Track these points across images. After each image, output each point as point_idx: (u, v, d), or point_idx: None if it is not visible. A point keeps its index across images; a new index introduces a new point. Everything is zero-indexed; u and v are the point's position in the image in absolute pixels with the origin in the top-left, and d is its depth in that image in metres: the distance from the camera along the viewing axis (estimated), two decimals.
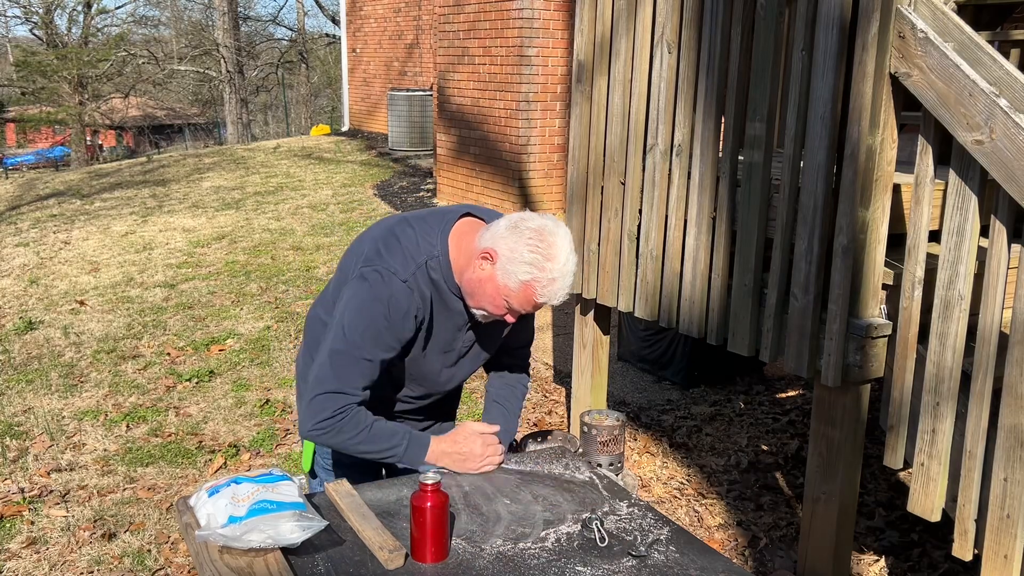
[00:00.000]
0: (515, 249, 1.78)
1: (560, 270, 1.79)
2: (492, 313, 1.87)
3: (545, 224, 1.81)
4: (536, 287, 1.79)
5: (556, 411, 4.36)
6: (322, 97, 31.95)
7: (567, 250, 1.80)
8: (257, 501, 1.61)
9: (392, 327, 1.84)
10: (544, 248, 1.78)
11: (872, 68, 2.38)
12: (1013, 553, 2.17)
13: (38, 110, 26.37)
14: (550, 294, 1.80)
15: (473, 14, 8.64)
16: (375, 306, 1.82)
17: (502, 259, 1.80)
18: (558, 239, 1.80)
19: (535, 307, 1.84)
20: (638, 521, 1.78)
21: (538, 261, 1.77)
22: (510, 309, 1.85)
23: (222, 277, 6.74)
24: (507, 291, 1.81)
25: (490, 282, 1.83)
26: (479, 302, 1.87)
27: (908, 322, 2.45)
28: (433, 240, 1.89)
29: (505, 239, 1.80)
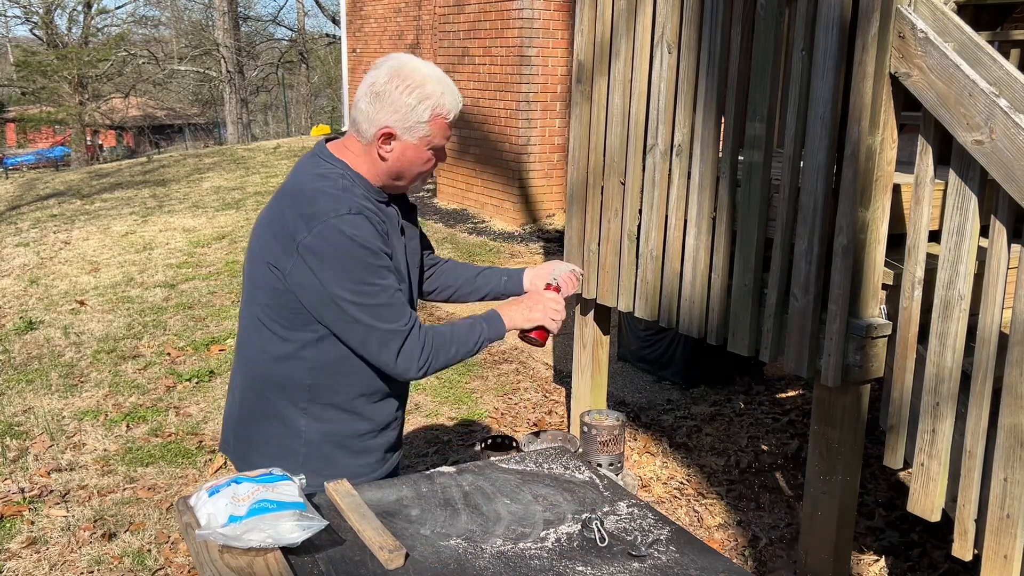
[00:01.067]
0: (397, 107, 1.79)
1: (436, 80, 1.81)
2: (427, 170, 1.89)
3: (390, 66, 1.81)
4: (440, 111, 1.82)
5: (556, 411, 4.36)
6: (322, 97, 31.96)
7: (419, 65, 1.82)
8: (257, 501, 1.61)
9: (374, 253, 1.76)
10: (412, 81, 1.79)
11: (872, 68, 2.38)
12: (1013, 553, 2.17)
13: (38, 110, 26.39)
14: (452, 104, 1.84)
15: (473, 15, 8.64)
16: (348, 255, 1.74)
17: (397, 125, 1.80)
18: (407, 64, 1.81)
19: (449, 127, 1.88)
20: (638, 521, 1.78)
21: (421, 93, 1.79)
22: (436, 151, 1.88)
23: (222, 277, 6.74)
24: (426, 140, 1.83)
25: (408, 149, 1.83)
26: (411, 174, 1.88)
27: (908, 322, 2.45)
28: (327, 169, 1.84)
29: (382, 110, 1.80)
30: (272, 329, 1.85)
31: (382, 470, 2.05)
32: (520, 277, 2.26)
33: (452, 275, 2.26)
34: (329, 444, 1.92)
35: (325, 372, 1.87)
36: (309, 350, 1.85)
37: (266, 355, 1.88)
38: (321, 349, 1.85)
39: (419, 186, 1.94)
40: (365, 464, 1.99)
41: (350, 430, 1.94)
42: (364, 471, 1.98)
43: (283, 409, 1.90)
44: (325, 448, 1.92)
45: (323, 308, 1.78)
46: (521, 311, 2.02)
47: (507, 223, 8.44)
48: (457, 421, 4.25)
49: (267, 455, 1.90)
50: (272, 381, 1.89)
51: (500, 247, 7.60)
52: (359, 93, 1.83)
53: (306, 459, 1.91)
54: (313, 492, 1.82)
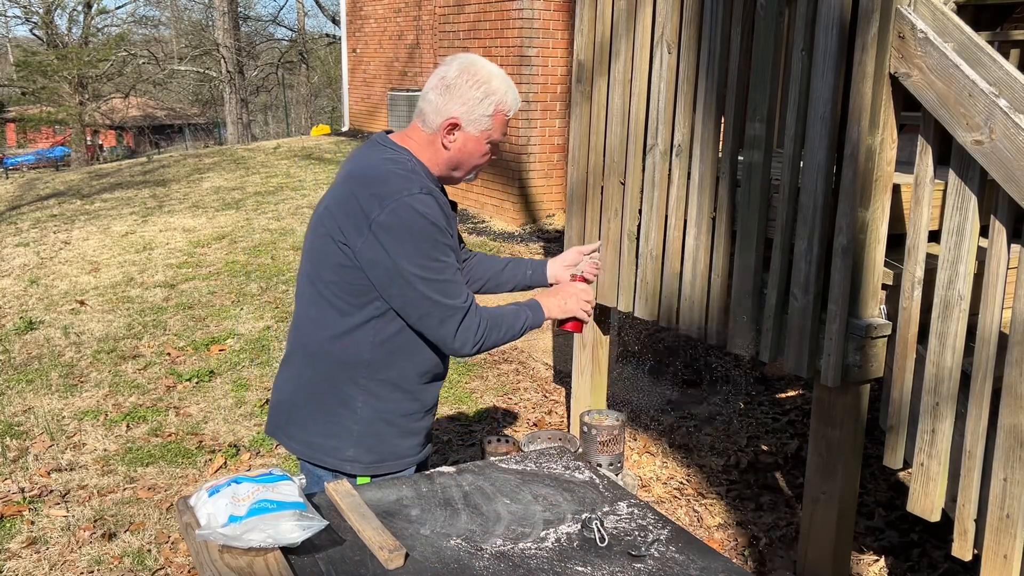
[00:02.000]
0: (465, 100, 1.90)
1: (501, 78, 1.92)
2: (481, 164, 2.00)
3: (460, 63, 1.93)
4: (502, 108, 1.93)
5: (556, 411, 4.36)
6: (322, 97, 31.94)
7: (486, 64, 1.93)
8: (257, 501, 1.61)
9: (440, 232, 1.87)
10: (480, 77, 1.90)
11: (872, 68, 2.38)
12: (1013, 553, 2.17)
13: (38, 110, 26.39)
14: (513, 102, 1.95)
15: (474, 15, 8.64)
16: (426, 231, 1.84)
17: (463, 117, 1.91)
18: (476, 62, 1.92)
19: (507, 126, 1.99)
20: (638, 521, 1.78)
21: (487, 89, 1.90)
22: (493, 145, 1.99)
23: (222, 277, 6.74)
24: (486, 134, 1.94)
25: (469, 141, 1.94)
26: (469, 165, 1.99)
27: (908, 322, 2.45)
28: (399, 156, 1.94)
29: (450, 102, 1.92)
30: (336, 306, 1.93)
31: (422, 454, 2.11)
32: (543, 269, 2.35)
33: (481, 268, 2.34)
34: (381, 422, 1.99)
35: (384, 348, 1.95)
36: (370, 326, 1.93)
37: (327, 333, 1.96)
38: (381, 325, 1.93)
39: (472, 178, 2.05)
40: (411, 445, 2.05)
41: (401, 409, 2.01)
42: (410, 452, 2.05)
43: (341, 385, 1.97)
44: (378, 426, 1.99)
45: (391, 283, 1.87)
46: (557, 302, 2.12)
47: (507, 223, 8.45)
48: (457, 421, 4.25)
49: (324, 433, 1.99)
50: (332, 358, 1.97)
51: (500, 247, 7.60)
52: (429, 85, 1.95)
53: (360, 436, 1.99)
54: (314, 492, 1.83)
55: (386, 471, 2.00)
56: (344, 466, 1.98)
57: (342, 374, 1.96)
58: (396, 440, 2.01)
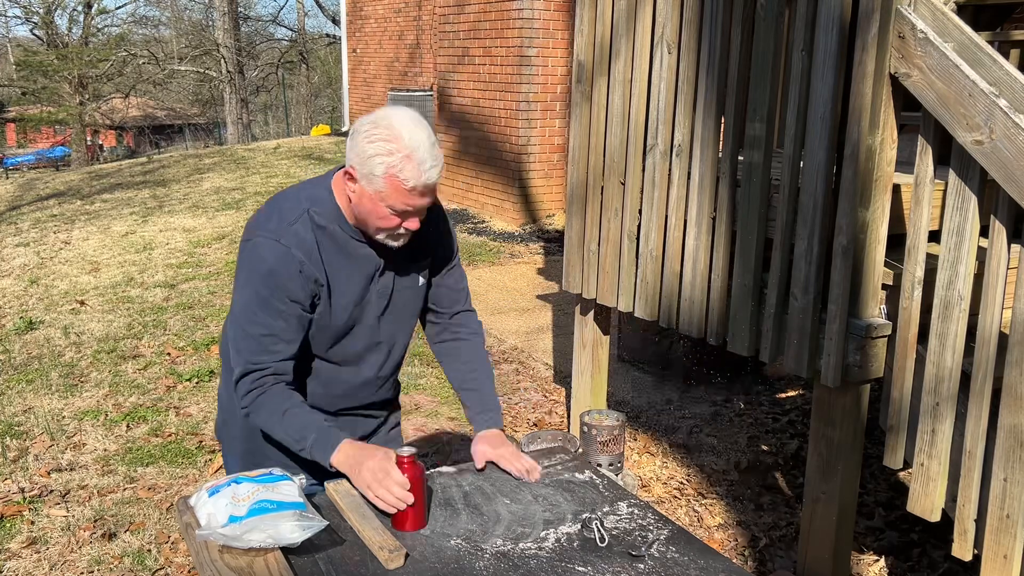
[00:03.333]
0: (360, 151, 1.72)
1: (409, 144, 1.69)
2: (388, 228, 1.78)
3: (377, 114, 1.75)
4: (396, 173, 1.70)
5: (556, 411, 4.36)
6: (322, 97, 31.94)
7: (408, 123, 1.72)
8: (257, 501, 1.61)
9: (277, 289, 1.79)
10: (382, 132, 1.71)
11: (872, 68, 2.38)
12: (1013, 553, 2.17)
13: (38, 110, 26.40)
14: (413, 173, 1.70)
15: (474, 15, 8.64)
16: (253, 276, 1.80)
17: (357, 168, 1.74)
18: (393, 118, 1.72)
19: (414, 195, 1.73)
20: (638, 521, 1.78)
21: (383, 147, 1.69)
22: (398, 213, 1.76)
23: (222, 277, 6.74)
24: (380, 195, 1.73)
25: (364, 197, 1.76)
26: (372, 224, 1.79)
27: (908, 322, 2.45)
28: (318, 188, 1.86)
29: (351, 150, 1.75)
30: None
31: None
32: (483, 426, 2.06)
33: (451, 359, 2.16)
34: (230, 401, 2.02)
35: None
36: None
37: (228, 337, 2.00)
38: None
39: (389, 243, 1.85)
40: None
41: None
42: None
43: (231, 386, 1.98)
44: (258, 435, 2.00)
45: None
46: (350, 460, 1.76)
47: (507, 223, 8.45)
48: (457, 421, 4.25)
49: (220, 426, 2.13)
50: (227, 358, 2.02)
51: (500, 247, 7.60)
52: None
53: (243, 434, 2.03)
54: (313, 492, 1.83)
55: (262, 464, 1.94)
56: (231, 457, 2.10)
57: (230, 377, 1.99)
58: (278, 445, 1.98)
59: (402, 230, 1.80)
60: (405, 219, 1.78)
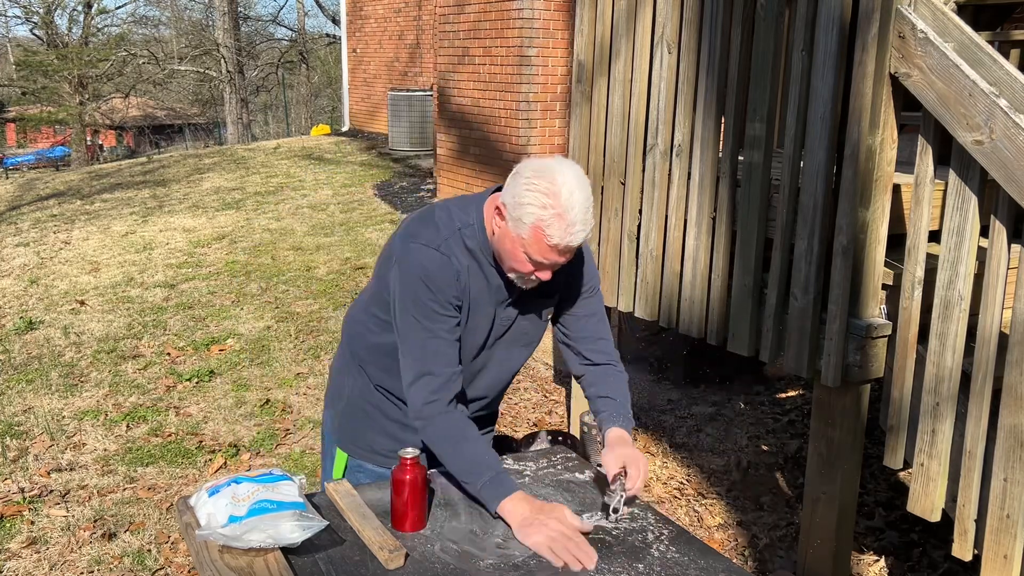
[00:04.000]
0: (516, 194, 1.72)
1: (564, 204, 1.69)
2: (520, 271, 1.80)
3: (544, 163, 1.75)
4: (543, 227, 1.70)
5: (556, 411, 4.36)
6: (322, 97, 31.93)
7: (571, 183, 1.70)
8: (257, 501, 1.61)
9: (440, 294, 1.80)
10: (543, 185, 1.70)
11: (872, 68, 2.38)
12: (1013, 553, 2.17)
13: (38, 110, 26.39)
14: (560, 232, 1.69)
15: (474, 15, 8.64)
16: (415, 282, 1.81)
17: (509, 208, 1.74)
18: (558, 173, 1.71)
19: (554, 252, 1.73)
20: (638, 521, 1.78)
21: (539, 199, 1.69)
22: (533, 262, 1.77)
23: (222, 277, 6.74)
24: (521, 242, 1.74)
25: (506, 237, 1.77)
26: (507, 262, 1.81)
27: (908, 322, 2.45)
28: (468, 211, 1.87)
29: (509, 188, 1.76)
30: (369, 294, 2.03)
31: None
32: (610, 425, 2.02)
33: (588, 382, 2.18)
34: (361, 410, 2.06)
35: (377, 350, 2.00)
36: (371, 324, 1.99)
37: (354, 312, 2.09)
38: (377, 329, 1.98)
39: (518, 284, 1.86)
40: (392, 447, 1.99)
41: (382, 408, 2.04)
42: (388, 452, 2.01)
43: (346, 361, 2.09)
44: (358, 410, 2.06)
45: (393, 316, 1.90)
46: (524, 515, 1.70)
47: None
48: None
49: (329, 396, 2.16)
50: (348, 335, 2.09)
51: None
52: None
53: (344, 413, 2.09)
54: (313, 492, 1.83)
55: (359, 457, 2.05)
56: (330, 428, 2.13)
57: (350, 351, 2.07)
58: (371, 432, 2.05)
59: (533, 278, 1.82)
60: (539, 269, 1.80)
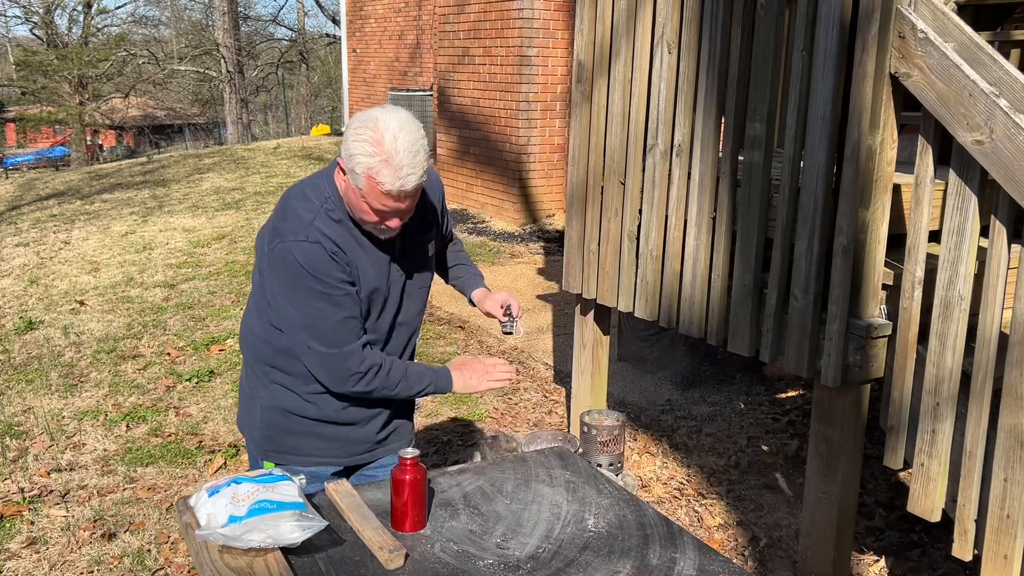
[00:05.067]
0: (347, 147, 1.77)
1: (389, 149, 1.71)
2: (370, 223, 1.83)
3: (370, 113, 1.77)
4: (374, 175, 1.73)
5: (556, 411, 4.36)
6: (322, 97, 31.93)
7: (394, 127, 1.73)
8: (257, 501, 1.61)
9: (325, 279, 1.82)
10: (367, 133, 1.73)
11: (872, 68, 2.38)
12: (1013, 553, 2.17)
13: (38, 110, 26.38)
14: (390, 178, 1.73)
15: (474, 15, 8.64)
16: (297, 279, 1.83)
17: (344, 162, 1.79)
18: (381, 121, 1.74)
19: (389, 198, 1.76)
20: (639, 521, 1.78)
21: (365, 148, 1.73)
22: (375, 211, 1.80)
23: (222, 277, 6.74)
24: (359, 192, 1.78)
25: (349, 190, 1.81)
26: (356, 215, 1.85)
27: (908, 322, 2.45)
28: (320, 186, 1.90)
29: (343, 143, 1.79)
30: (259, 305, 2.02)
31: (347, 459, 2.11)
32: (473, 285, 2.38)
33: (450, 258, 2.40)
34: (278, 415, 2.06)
35: (283, 354, 1.99)
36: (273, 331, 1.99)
37: (251, 328, 2.08)
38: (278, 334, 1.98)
39: (374, 234, 1.91)
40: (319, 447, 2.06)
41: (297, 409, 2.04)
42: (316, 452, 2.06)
43: (253, 376, 2.09)
44: (275, 418, 2.06)
45: (279, 316, 1.93)
46: (464, 379, 2.05)
47: (507, 223, 8.45)
48: (457, 421, 4.25)
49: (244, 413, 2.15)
50: (251, 351, 2.08)
51: (500, 247, 7.60)
52: None
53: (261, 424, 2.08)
54: (313, 492, 1.83)
55: (288, 462, 2.03)
56: (252, 445, 2.13)
57: (256, 363, 2.07)
58: (294, 437, 2.06)
59: (383, 227, 1.84)
60: (385, 219, 1.82)
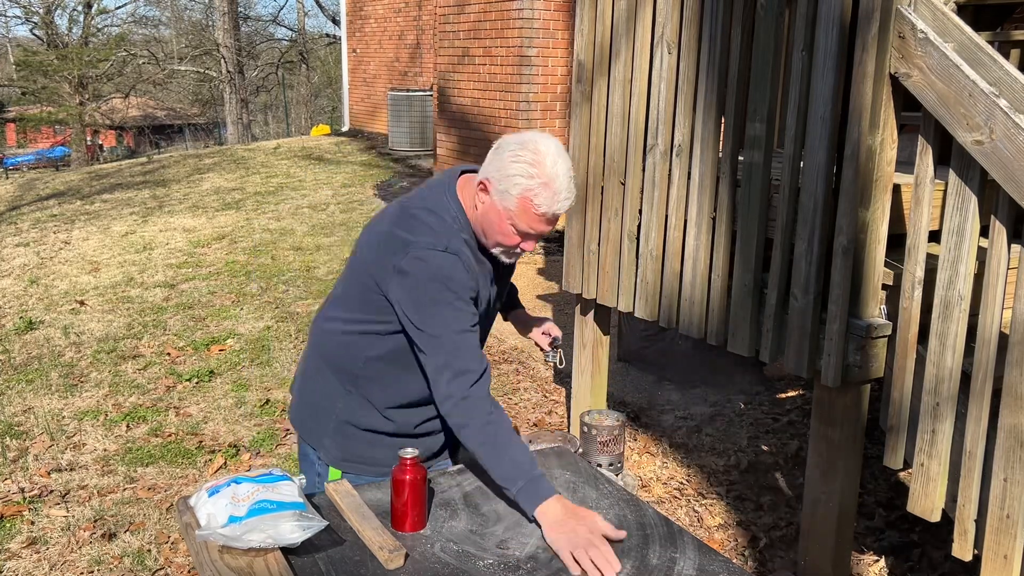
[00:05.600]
0: (501, 168, 1.78)
1: (550, 172, 1.76)
2: (507, 245, 1.85)
3: (525, 136, 1.80)
4: (531, 196, 1.77)
5: (556, 411, 4.36)
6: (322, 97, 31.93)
7: (554, 152, 1.78)
8: (257, 501, 1.61)
9: (459, 290, 1.81)
10: (528, 155, 1.77)
11: (872, 68, 2.38)
12: (1013, 553, 2.17)
13: (38, 110, 26.38)
14: (548, 200, 1.77)
15: (474, 15, 8.64)
16: (433, 287, 1.79)
17: (493, 182, 1.79)
18: (541, 144, 1.78)
19: (541, 221, 1.80)
20: (639, 521, 1.78)
21: (525, 170, 1.76)
22: (520, 233, 1.82)
23: (222, 277, 6.75)
24: (508, 214, 1.80)
25: (492, 211, 1.82)
26: (492, 237, 1.86)
27: (908, 322, 2.45)
28: (443, 200, 1.89)
29: (491, 163, 1.81)
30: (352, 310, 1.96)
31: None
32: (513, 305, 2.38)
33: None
34: (352, 426, 2.02)
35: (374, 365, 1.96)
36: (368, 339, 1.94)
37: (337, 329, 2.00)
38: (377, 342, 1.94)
39: (502, 259, 1.92)
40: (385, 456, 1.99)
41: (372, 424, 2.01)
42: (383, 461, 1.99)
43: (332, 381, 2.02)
44: (349, 428, 2.02)
45: (406, 326, 1.86)
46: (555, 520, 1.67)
47: None
48: None
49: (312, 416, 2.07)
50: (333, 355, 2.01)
51: None
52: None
53: (334, 432, 2.03)
54: (313, 492, 1.83)
55: (360, 472, 2.00)
56: (320, 452, 2.06)
57: (336, 372, 2.01)
58: (364, 446, 2.02)
59: (518, 250, 1.87)
60: (524, 240, 1.85)
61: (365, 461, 2.01)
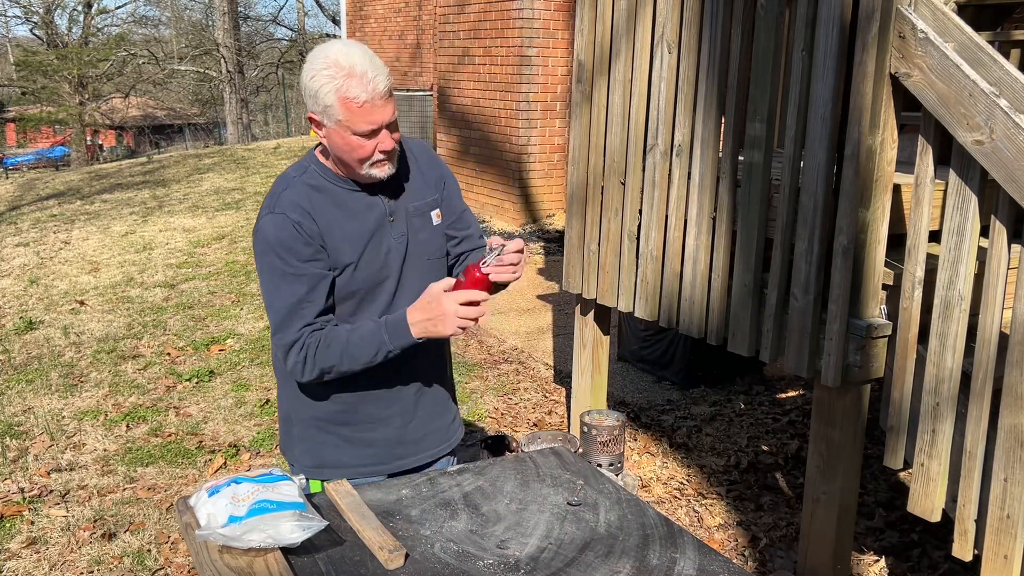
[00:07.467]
0: (310, 92, 1.77)
1: (346, 64, 1.73)
2: (365, 156, 1.81)
3: (312, 54, 1.80)
4: (345, 93, 1.73)
5: (556, 411, 4.36)
6: None
7: (339, 48, 1.76)
8: (257, 501, 1.61)
9: (287, 255, 1.82)
10: (319, 65, 1.75)
11: (872, 68, 2.38)
12: (1013, 553, 2.17)
13: (38, 110, 26.39)
14: (360, 87, 1.73)
15: (474, 15, 8.64)
16: (264, 255, 1.84)
17: (315, 111, 1.79)
18: (326, 51, 1.77)
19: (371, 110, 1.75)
20: (639, 521, 1.78)
21: (325, 77, 1.74)
22: (364, 135, 1.78)
23: (222, 277, 6.75)
24: (341, 126, 1.77)
25: (332, 135, 1.80)
26: (350, 160, 1.82)
27: (908, 322, 2.45)
28: (303, 163, 1.92)
29: (305, 99, 1.81)
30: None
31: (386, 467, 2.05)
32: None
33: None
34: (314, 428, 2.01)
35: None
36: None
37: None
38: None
39: (374, 174, 1.85)
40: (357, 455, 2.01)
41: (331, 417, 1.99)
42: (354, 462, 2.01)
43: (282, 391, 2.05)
44: (311, 431, 2.02)
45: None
46: (422, 322, 1.82)
47: (508, 223, 8.45)
48: None
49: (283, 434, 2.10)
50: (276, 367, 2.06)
51: None
52: None
53: (299, 440, 2.04)
54: (313, 492, 1.83)
55: (333, 478, 1.93)
56: (295, 465, 2.05)
57: (279, 376, 2.04)
58: (331, 450, 2.01)
59: (379, 155, 1.82)
60: (378, 140, 1.80)
61: (337, 465, 2.01)
